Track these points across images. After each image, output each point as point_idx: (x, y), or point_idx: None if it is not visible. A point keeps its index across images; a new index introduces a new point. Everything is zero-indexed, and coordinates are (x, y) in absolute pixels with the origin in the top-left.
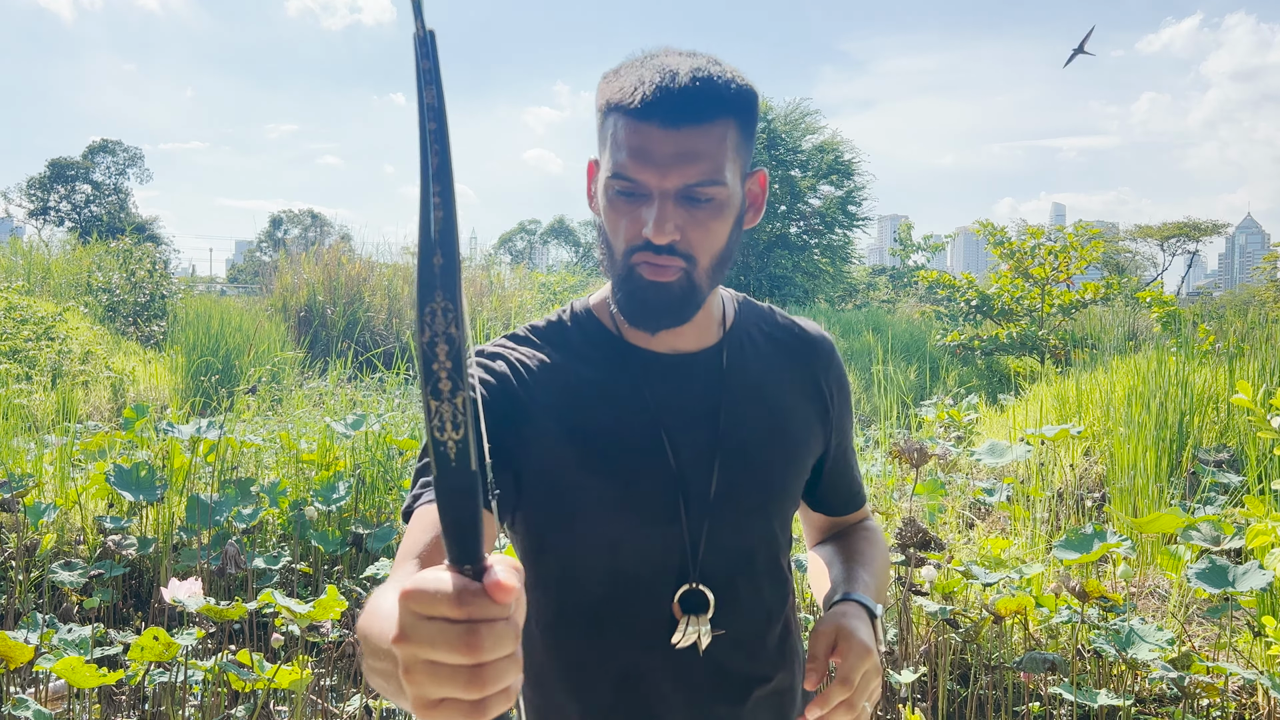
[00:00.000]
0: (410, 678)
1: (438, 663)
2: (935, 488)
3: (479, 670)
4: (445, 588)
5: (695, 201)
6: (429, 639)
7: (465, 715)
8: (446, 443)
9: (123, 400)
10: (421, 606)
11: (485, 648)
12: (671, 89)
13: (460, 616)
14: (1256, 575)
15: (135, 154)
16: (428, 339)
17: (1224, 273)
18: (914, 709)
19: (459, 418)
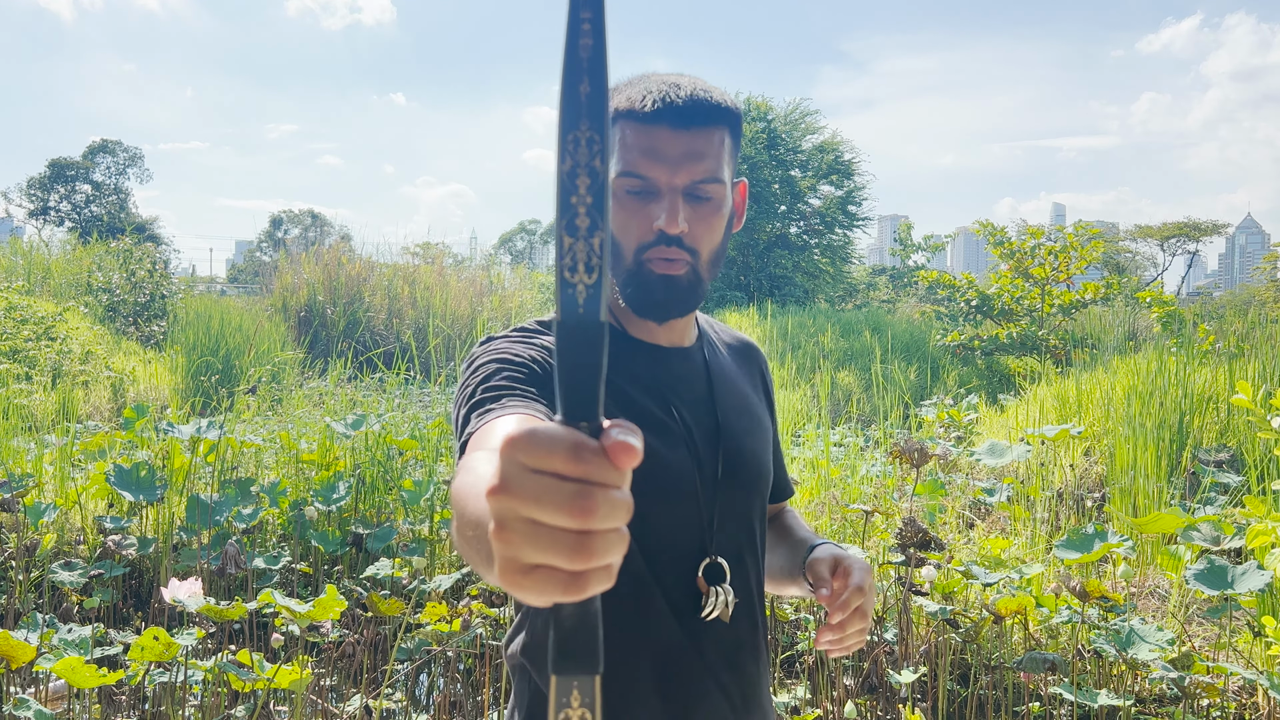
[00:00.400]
0: (503, 536)
1: (539, 523)
2: (935, 488)
3: (586, 538)
4: (560, 438)
5: (699, 199)
6: (534, 494)
7: (562, 587)
8: (576, 285)
9: (123, 400)
10: (530, 457)
11: (599, 513)
12: (678, 97)
13: (574, 473)
14: (1255, 576)
15: (135, 154)
16: (568, 168)
17: (1224, 273)
18: (914, 709)
19: (594, 260)
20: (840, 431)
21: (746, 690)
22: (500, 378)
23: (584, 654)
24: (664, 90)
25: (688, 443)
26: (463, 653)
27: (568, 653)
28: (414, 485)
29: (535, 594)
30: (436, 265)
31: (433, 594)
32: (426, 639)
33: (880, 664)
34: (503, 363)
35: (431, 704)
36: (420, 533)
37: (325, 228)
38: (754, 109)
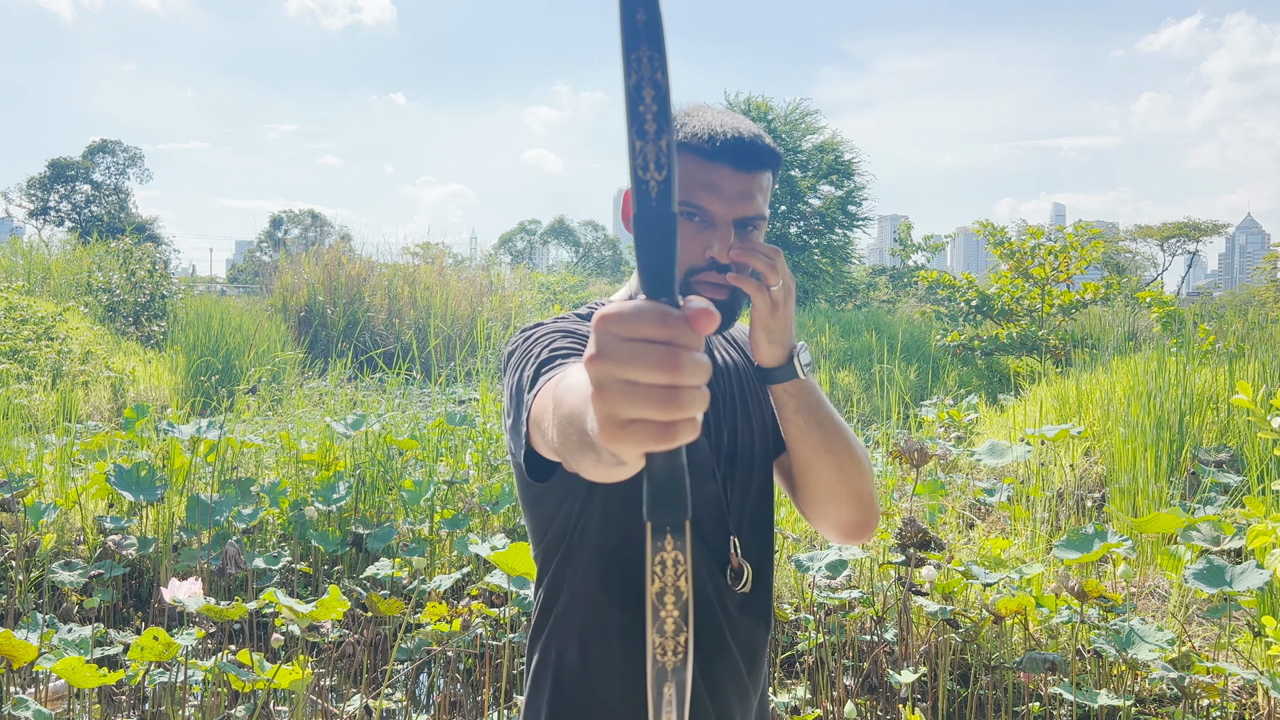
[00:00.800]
0: (602, 397)
1: (634, 382)
2: (935, 488)
3: (675, 391)
4: (647, 309)
5: (745, 230)
6: (628, 357)
7: (656, 436)
8: (649, 181)
9: (123, 400)
10: (622, 327)
11: (685, 368)
12: (742, 139)
13: (661, 337)
14: (1254, 575)
15: (135, 154)
16: (634, 82)
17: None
18: (914, 709)
19: (662, 159)
20: None
21: (754, 651)
22: (564, 341)
23: (674, 502)
24: (726, 130)
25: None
26: (463, 653)
27: (660, 501)
28: (414, 485)
29: (632, 445)
30: (436, 265)
31: (433, 594)
32: (426, 639)
33: (880, 664)
34: (565, 332)
35: (431, 704)
36: (420, 533)
37: (325, 228)
38: (754, 109)
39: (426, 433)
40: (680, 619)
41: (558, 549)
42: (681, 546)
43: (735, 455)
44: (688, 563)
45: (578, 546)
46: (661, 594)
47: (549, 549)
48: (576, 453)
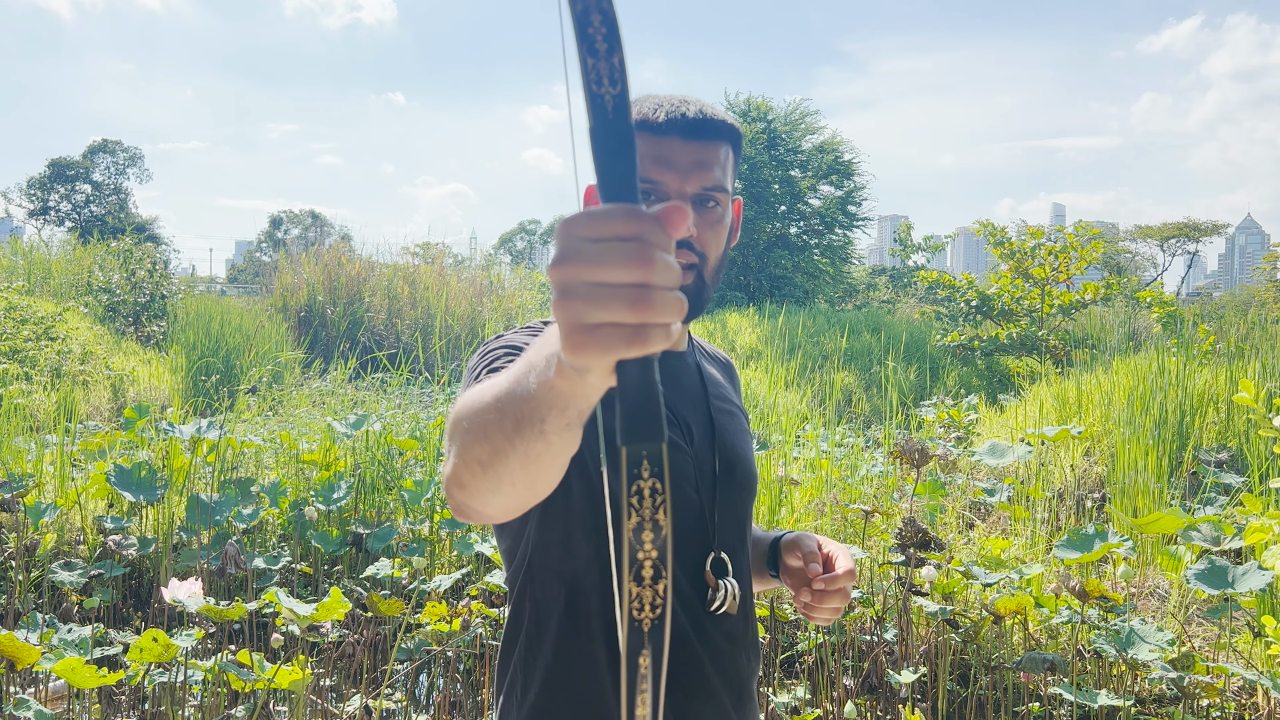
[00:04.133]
0: (567, 304)
1: (601, 283)
2: (935, 488)
3: (647, 290)
4: (615, 208)
5: (706, 205)
6: (596, 256)
7: (626, 340)
8: (604, 95)
9: (123, 400)
10: (588, 228)
11: (656, 265)
12: (688, 111)
13: (632, 233)
14: (1255, 576)
15: (135, 154)
16: (580, 9)
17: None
18: (914, 709)
19: (615, 75)
20: (841, 431)
21: (741, 684)
22: (508, 359)
23: (649, 424)
24: (674, 105)
25: (687, 440)
26: (463, 653)
27: (635, 424)
28: (414, 485)
29: (600, 351)
30: (436, 265)
31: (433, 594)
32: (426, 639)
33: (880, 664)
34: (511, 349)
35: (431, 704)
36: (420, 533)
37: (325, 228)
38: (754, 109)
39: (427, 432)
40: (659, 561)
41: (519, 575)
42: (659, 474)
43: (732, 477)
44: (666, 492)
45: (539, 573)
46: (639, 530)
47: (514, 576)
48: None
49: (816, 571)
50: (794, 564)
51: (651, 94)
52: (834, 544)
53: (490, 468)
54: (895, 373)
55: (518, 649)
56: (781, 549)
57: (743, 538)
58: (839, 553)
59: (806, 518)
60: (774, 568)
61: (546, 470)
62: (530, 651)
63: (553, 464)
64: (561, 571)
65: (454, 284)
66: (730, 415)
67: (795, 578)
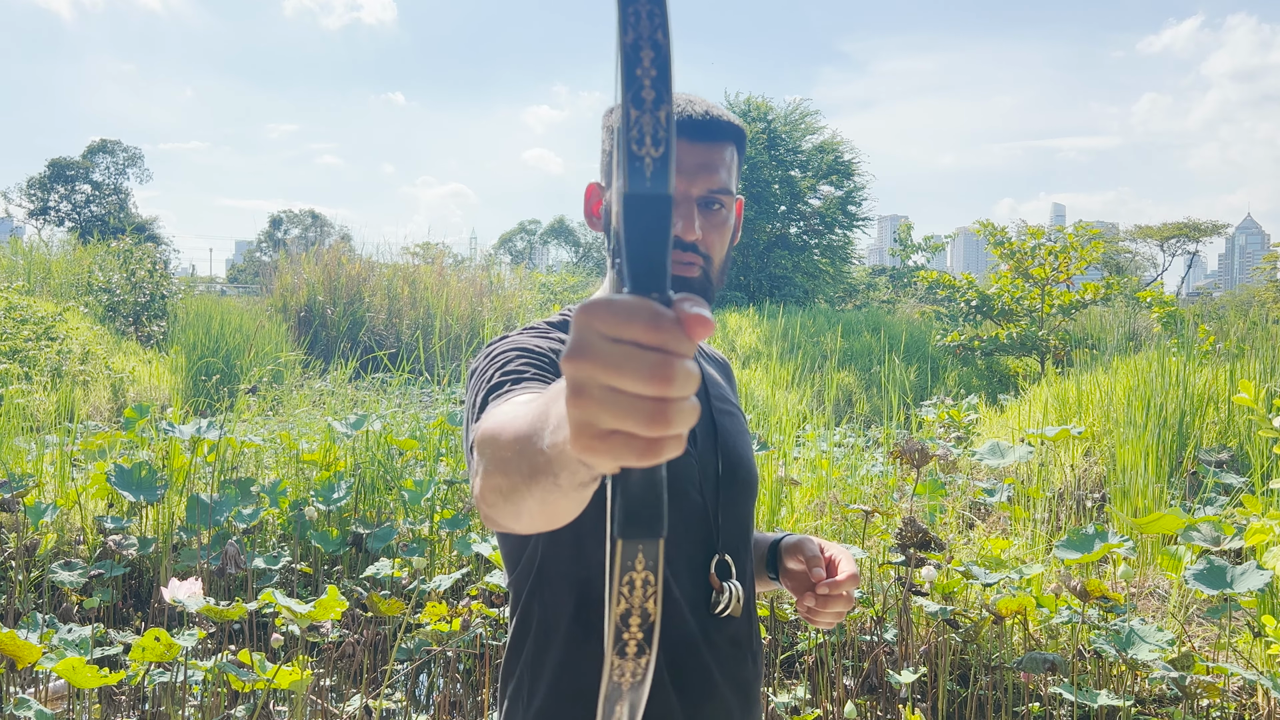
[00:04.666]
0: (580, 403)
1: (618, 390)
2: (935, 488)
3: (664, 405)
4: (639, 307)
5: (711, 207)
6: (614, 361)
7: (638, 452)
8: (644, 158)
9: (123, 400)
10: (608, 325)
11: (677, 381)
12: (695, 112)
13: (653, 342)
14: (1255, 576)
15: (135, 154)
16: (630, 40)
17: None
18: (914, 709)
19: (660, 134)
20: (841, 431)
21: (746, 687)
22: (519, 363)
23: (649, 519)
24: (681, 105)
25: (690, 442)
26: (463, 653)
27: (634, 517)
28: (414, 485)
29: (609, 458)
30: (436, 265)
31: (433, 594)
32: (426, 639)
33: (880, 664)
34: (522, 351)
35: (431, 704)
36: (420, 533)
37: (325, 228)
38: (754, 109)
39: (427, 433)
40: (644, 641)
41: (527, 579)
42: (653, 567)
43: (734, 478)
44: (658, 584)
45: (549, 578)
46: (626, 616)
47: (520, 579)
48: (527, 483)
49: (820, 576)
50: (796, 568)
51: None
52: (836, 547)
53: (510, 499)
54: (896, 372)
55: (525, 652)
56: (782, 552)
57: (746, 539)
58: (841, 556)
59: (806, 518)
60: (774, 570)
61: (564, 510)
62: (538, 654)
63: (570, 506)
64: (571, 576)
65: (454, 284)
66: (730, 416)
67: (797, 581)
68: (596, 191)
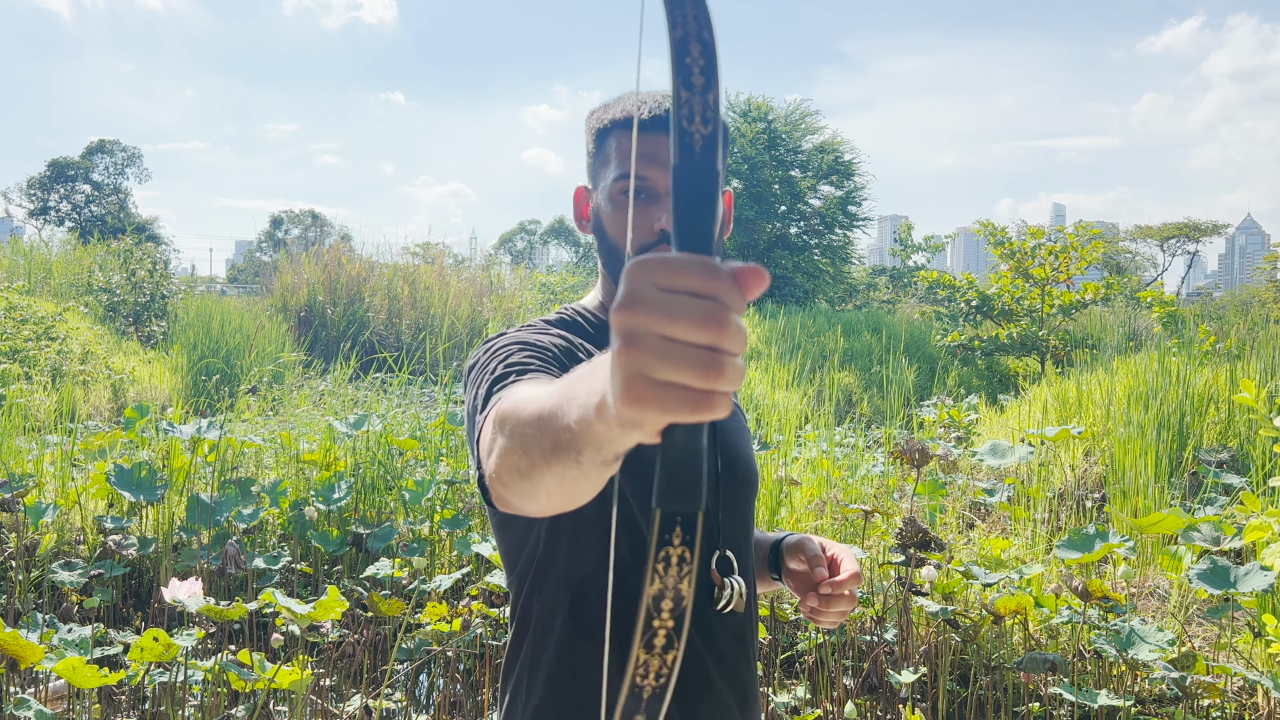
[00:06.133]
0: (632, 353)
1: (673, 339)
2: (935, 488)
3: (718, 355)
4: (693, 259)
5: None
6: (669, 309)
7: (690, 405)
8: (694, 134)
9: (123, 400)
10: (663, 276)
11: (731, 330)
12: None
13: (707, 290)
14: (1258, 576)
15: (134, 154)
16: (679, 36)
17: (1224, 273)
18: (914, 709)
19: (709, 114)
20: (841, 431)
21: (745, 685)
22: (522, 355)
23: (689, 488)
24: (659, 101)
25: None
26: (463, 653)
27: (673, 486)
28: (415, 485)
29: (659, 411)
30: (436, 265)
31: (433, 594)
32: (426, 639)
33: (880, 664)
34: (523, 344)
35: (431, 704)
36: (420, 533)
37: (325, 228)
38: (754, 109)
39: (428, 432)
40: (674, 632)
41: (526, 578)
42: (690, 542)
43: (734, 475)
44: (694, 562)
45: (545, 576)
46: (659, 598)
47: (520, 578)
48: (546, 459)
49: (823, 576)
50: (797, 568)
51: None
52: (838, 546)
53: (527, 478)
54: (897, 372)
55: (524, 651)
56: (784, 552)
57: (747, 535)
58: (843, 555)
59: (806, 518)
60: (775, 570)
61: (582, 490)
62: (536, 653)
63: (588, 487)
64: (568, 574)
65: (454, 284)
66: (732, 412)
67: (799, 581)
68: (585, 195)
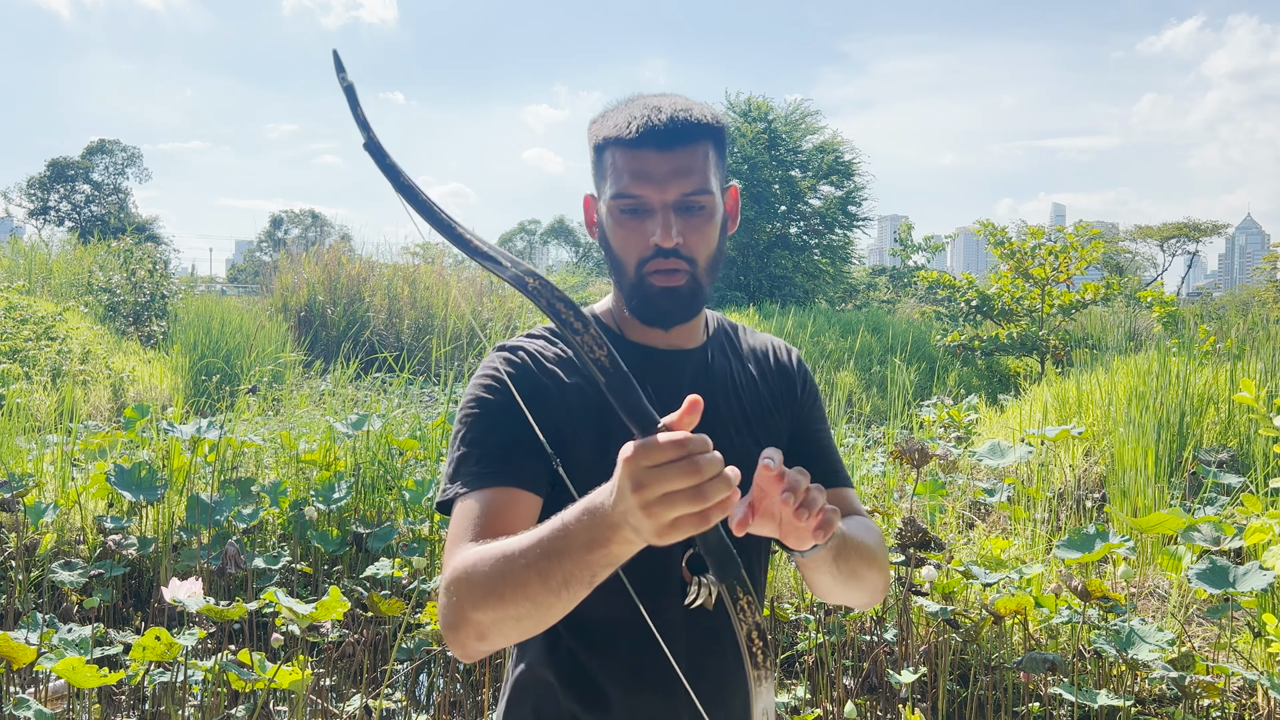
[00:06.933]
0: (648, 513)
1: (670, 493)
2: (935, 488)
3: (700, 488)
4: (662, 444)
5: (690, 210)
6: (661, 479)
7: (695, 525)
8: (599, 359)
9: (123, 400)
10: (648, 459)
11: (706, 469)
12: (660, 121)
13: (680, 454)
14: (1257, 576)
15: (134, 154)
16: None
17: (1224, 273)
18: (914, 709)
19: (599, 339)
20: (841, 431)
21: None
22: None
23: (730, 560)
24: (646, 115)
25: None
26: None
27: (723, 564)
28: (415, 485)
29: (678, 535)
30: (436, 265)
31: (433, 594)
32: (426, 639)
33: (880, 664)
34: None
35: (431, 704)
36: (420, 533)
37: (325, 228)
38: (754, 109)
39: (428, 432)
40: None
41: None
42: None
43: None
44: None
45: None
46: (750, 634)
47: None
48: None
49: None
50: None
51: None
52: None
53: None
54: (897, 373)
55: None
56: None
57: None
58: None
59: None
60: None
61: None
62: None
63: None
64: None
65: (454, 284)
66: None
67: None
68: (592, 204)
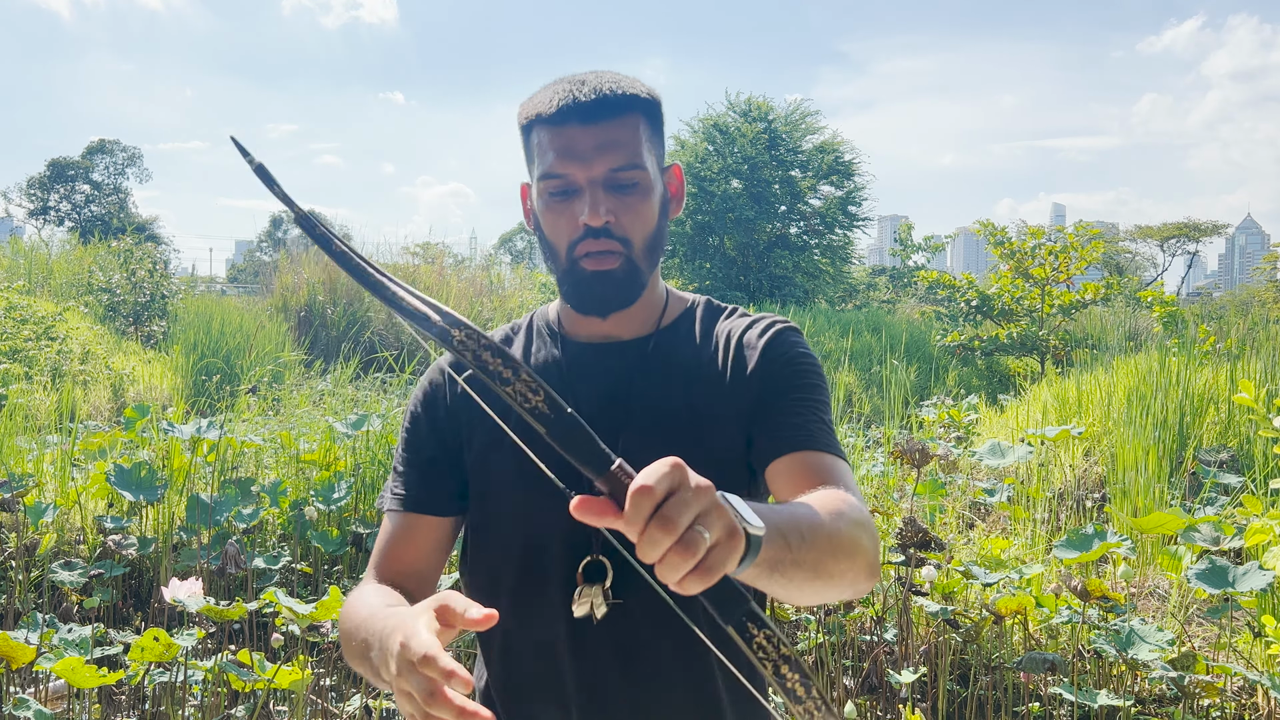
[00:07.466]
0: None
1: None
2: (935, 488)
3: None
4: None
5: (621, 187)
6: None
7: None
8: (535, 405)
9: (123, 400)
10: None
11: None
12: (582, 94)
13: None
14: (1257, 576)
15: (134, 154)
16: (473, 354)
17: (1224, 273)
18: (914, 709)
19: (533, 385)
20: (841, 431)
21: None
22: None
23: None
24: (568, 90)
25: None
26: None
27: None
28: None
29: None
30: (437, 265)
31: None
32: None
33: (880, 664)
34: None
35: None
36: None
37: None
38: (754, 109)
39: None
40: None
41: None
42: (764, 624)
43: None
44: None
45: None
46: (777, 670)
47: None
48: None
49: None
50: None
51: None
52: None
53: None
54: (898, 372)
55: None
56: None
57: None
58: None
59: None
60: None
61: None
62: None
63: None
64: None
65: (454, 284)
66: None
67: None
68: (527, 192)
